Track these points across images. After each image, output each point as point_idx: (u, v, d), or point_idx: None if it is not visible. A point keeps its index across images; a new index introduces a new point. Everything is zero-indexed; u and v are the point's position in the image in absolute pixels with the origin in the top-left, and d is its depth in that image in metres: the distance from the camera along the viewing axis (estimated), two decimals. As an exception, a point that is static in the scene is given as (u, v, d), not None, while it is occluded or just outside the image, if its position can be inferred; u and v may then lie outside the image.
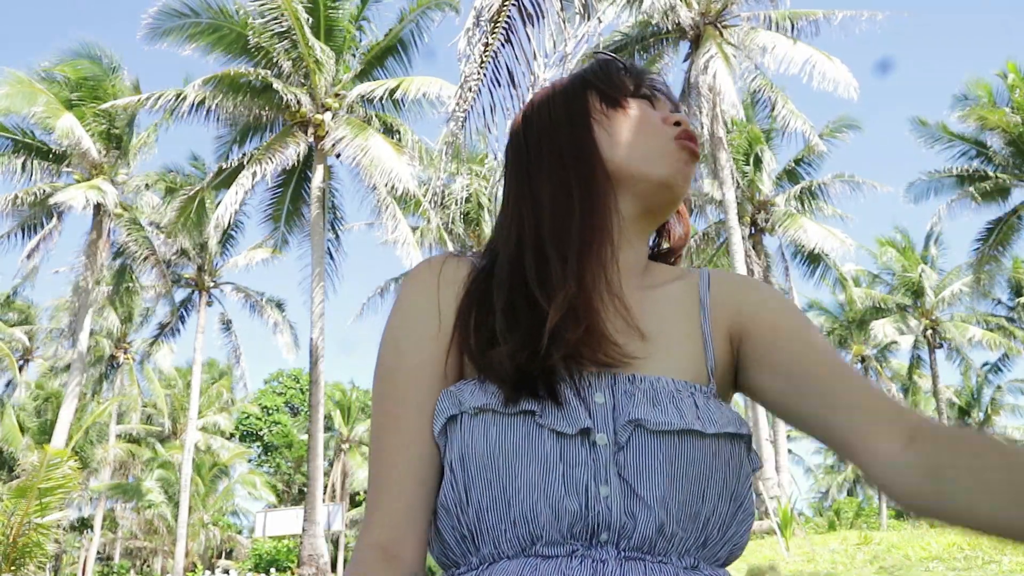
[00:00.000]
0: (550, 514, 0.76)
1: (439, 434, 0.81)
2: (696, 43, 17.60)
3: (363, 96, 17.12)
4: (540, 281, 0.85)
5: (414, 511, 0.80)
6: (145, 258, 20.88)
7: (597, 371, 0.82)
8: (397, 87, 16.71)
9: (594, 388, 0.81)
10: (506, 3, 5.40)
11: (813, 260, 24.26)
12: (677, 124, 0.93)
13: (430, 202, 17.47)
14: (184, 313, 26.83)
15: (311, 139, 17.33)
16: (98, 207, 18.95)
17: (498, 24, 5.43)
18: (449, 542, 0.81)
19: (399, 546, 0.79)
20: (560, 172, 0.91)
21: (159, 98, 16.20)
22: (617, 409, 0.80)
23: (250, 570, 34.84)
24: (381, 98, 16.93)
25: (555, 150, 0.93)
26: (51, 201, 18.40)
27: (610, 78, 0.96)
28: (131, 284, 22.93)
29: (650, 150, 0.91)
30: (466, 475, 0.78)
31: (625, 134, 0.92)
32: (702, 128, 17.32)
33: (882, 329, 29.84)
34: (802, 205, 22.70)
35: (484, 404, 0.79)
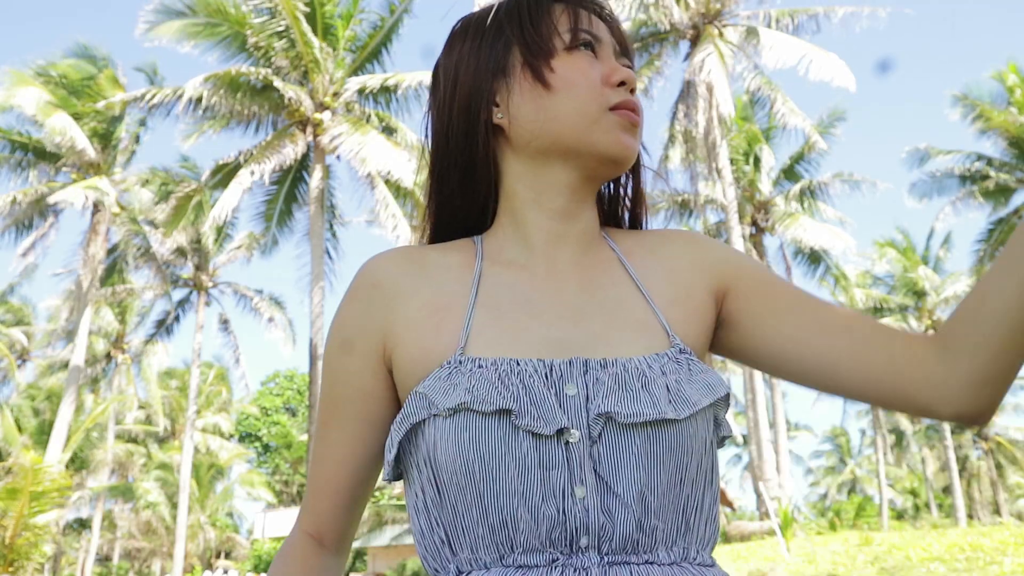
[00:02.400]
0: (529, 520, 0.74)
1: (404, 439, 0.79)
2: (695, 43, 17.61)
3: (360, 91, 17.04)
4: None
5: (337, 509, 0.90)
6: (142, 256, 20.84)
7: (568, 359, 0.79)
8: (395, 83, 16.65)
9: (566, 378, 0.78)
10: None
11: (814, 260, 24.27)
12: (622, 84, 0.84)
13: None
14: (181, 313, 26.81)
15: (310, 138, 17.28)
16: (96, 205, 18.89)
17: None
18: (429, 545, 0.79)
19: (323, 534, 0.90)
20: (469, 174, 0.88)
21: (155, 95, 16.10)
22: (590, 400, 0.76)
23: (250, 570, 34.86)
24: (377, 92, 16.84)
25: (463, 149, 0.88)
26: (50, 200, 18.33)
27: (539, 28, 0.85)
28: (129, 283, 22.88)
29: (584, 120, 0.83)
30: (439, 479, 0.76)
31: (556, 102, 0.83)
32: (697, 127, 17.33)
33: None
34: (802, 205, 22.74)
35: (459, 403, 0.75)
